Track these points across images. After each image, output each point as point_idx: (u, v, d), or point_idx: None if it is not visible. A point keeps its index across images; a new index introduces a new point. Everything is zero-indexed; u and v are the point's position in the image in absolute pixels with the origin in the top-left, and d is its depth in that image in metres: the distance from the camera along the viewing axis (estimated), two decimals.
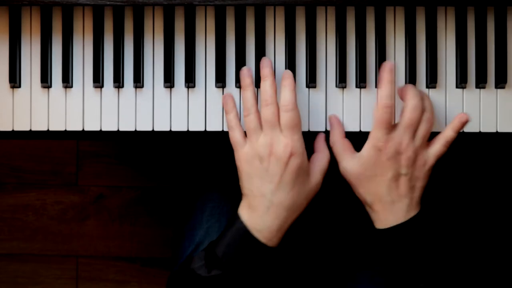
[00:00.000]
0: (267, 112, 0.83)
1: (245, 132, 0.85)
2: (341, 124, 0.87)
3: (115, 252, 1.53)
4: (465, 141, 0.87)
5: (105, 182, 1.53)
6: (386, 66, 0.85)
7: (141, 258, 1.53)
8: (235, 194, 0.85)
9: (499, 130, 0.88)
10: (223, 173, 0.88)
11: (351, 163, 0.85)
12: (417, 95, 0.83)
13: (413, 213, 0.84)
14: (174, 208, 1.51)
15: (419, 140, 0.84)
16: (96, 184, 1.53)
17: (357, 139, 0.87)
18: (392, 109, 0.83)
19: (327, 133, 0.88)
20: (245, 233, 0.83)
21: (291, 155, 0.82)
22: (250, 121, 0.84)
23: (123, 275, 1.53)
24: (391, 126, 0.83)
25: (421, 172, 0.84)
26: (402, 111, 0.84)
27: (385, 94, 0.84)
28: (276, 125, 0.83)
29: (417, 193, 0.84)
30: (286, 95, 0.84)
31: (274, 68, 0.88)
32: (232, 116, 0.86)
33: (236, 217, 0.85)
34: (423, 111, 0.84)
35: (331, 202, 1.03)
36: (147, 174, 1.52)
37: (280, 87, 0.85)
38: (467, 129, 0.88)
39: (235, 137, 0.85)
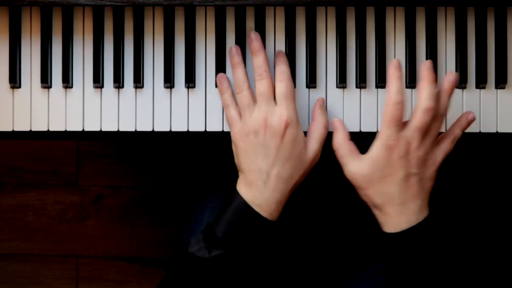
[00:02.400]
0: (262, 85, 0.83)
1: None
2: (345, 127, 0.86)
3: (115, 252, 1.53)
4: (465, 142, 0.87)
5: (105, 182, 1.53)
6: (393, 63, 0.83)
7: (141, 258, 1.53)
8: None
9: (499, 131, 0.88)
10: (223, 174, 0.88)
11: (359, 165, 0.83)
12: (432, 96, 0.81)
13: (424, 214, 0.82)
14: (174, 208, 1.51)
15: (430, 140, 0.82)
16: (96, 184, 1.53)
17: (357, 139, 0.87)
18: (402, 105, 0.82)
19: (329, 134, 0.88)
20: (245, 208, 0.83)
21: (286, 125, 0.81)
22: (243, 97, 0.84)
23: (123, 275, 1.53)
24: (402, 124, 0.82)
25: (430, 171, 0.83)
26: (415, 110, 0.82)
27: (394, 89, 0.82)
28: (270, 97, 0.83)
29: (426, 193, 0.83)
30: (281, 68, 0.84)
31: (274, 68, 0.88)
32: (227, 96, 0.86)
33: (234, 194, 0.84)
34: (436, 112, 0.82)
35: (331, 199, 1.03)
36: (147, 174, 1.52)
37: (275, 65, 0.85)
38: (467, 129, 0.88)
39: (231, 113, 0.85)
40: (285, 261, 1.00)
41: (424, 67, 0.83)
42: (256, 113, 0.83)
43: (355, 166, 0.83)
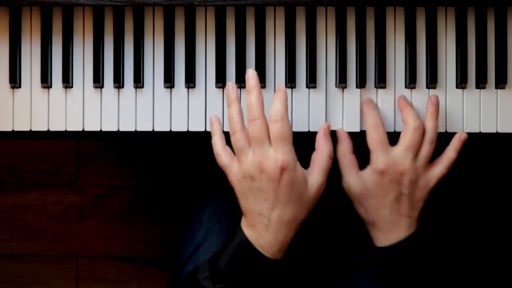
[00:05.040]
0: (254, 127, 0.80)
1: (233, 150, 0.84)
2: (350, 138, 0.86)
3: (115, 252, 1.53)
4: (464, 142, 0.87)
5: (105, 182, 1.53)
6: (365, 101, 0.86)
7: (141, 258, 1.53)
8: (235, 196, 0.84)
9: (499, 131, 0.88)
10: (223, 174, 0.88)
11: (354, 181, 0.84)
12: (417, 117, 0.83)
13: (412, 229, 0.84)
14: (174, 208, 1.51)
15: (421, 162, 0.83)
16: (96, 184, 1.53)
17: (356, 140, 0.87)
18: (381, 127, 0.83)
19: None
20: (247, 246, 0.82)
21: (282, 170, 0.79)
22: (237, 140, 0.81)
23: (123, 275, 1.53)
24: (388, 145, 0.83)
25: (422, 193, 0.84)
26: (402, 132, 0.84)
27: (370, 115, 0.85)
28: (264, 140, 0.80)
29: (416, 212, 0.84)
30: (276, 106, 0.80)
31: (274, 69, 0.88)
32: (217, 138, 0.84)
33: (238, 229, 0.83)
34: (424, 132, 0.83)
35: (328, 203, 1.03)
36: (147, 174, 1.52)
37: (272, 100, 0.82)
38: (467, 129, 0.88)
39: (222, 161, 0.83)
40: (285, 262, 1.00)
41: (400, 99, 0.86)
42: (251, 158, 0.80)
43: (353, 180, 0.85)
